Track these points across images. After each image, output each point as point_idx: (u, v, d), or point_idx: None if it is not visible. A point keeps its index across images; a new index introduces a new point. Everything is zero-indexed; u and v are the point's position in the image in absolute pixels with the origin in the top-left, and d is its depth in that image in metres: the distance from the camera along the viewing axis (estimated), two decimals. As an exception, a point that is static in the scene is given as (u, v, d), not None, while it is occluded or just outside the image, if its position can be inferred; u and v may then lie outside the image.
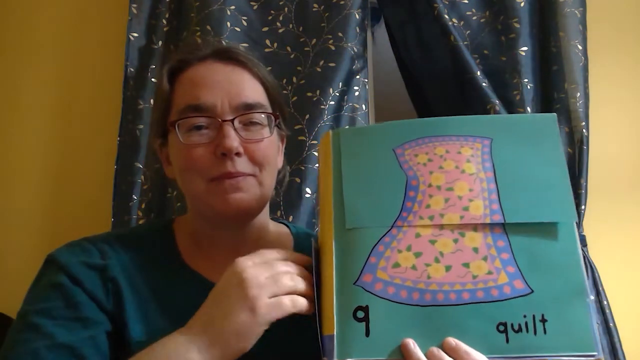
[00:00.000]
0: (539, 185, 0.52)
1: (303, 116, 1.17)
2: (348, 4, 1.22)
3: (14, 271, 1.29)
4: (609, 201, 1.23)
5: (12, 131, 1.38)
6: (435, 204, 0.52)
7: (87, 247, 0.62)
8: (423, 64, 1.30)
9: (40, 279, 0.60)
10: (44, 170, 1.35)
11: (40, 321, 0.55)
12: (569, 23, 1.20)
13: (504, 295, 0.48)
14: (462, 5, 1.26)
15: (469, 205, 0.51)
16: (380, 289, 0.49)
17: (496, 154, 0.54)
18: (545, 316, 0.47)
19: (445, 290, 0.48)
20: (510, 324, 0.47)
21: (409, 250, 0.50)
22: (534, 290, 0.48)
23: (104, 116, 1.33)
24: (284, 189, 1.14)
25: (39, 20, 1.43)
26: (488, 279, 0.48)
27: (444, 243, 0.50)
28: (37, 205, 1.33)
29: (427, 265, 0.49)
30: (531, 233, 0.50)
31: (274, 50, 1.24)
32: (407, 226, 0.51)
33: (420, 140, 0.55)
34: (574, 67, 1.18)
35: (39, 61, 1.41)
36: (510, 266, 0.49)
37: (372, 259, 0.50)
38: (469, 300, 0.48)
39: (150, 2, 1.28)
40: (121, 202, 1.17)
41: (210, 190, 0.62)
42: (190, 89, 0.64)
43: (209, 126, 0.63)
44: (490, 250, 0.49)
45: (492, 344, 0.46)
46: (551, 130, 0.54)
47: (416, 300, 0.48)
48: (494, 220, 0.50)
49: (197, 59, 0.66)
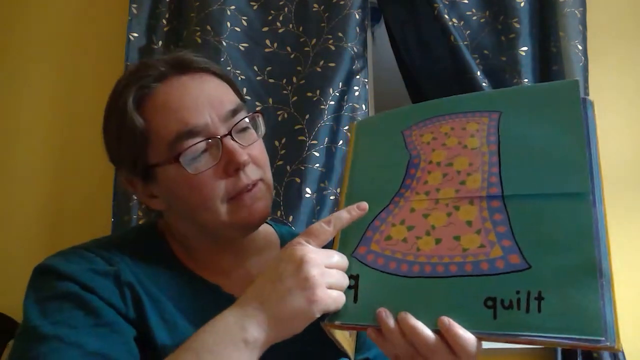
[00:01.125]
0: (548, 156, 0.48)
1: (303, 116, 1.17)
2: (348, 4, 1.22)
3: (14, 271, 1.28)
4: (609, 200, 1.23)
5: (12, 131, 1.38)
6: (433, 180, 0.52)
7: (86, 254, 0.59)
8: (423, 64, 1.30)
9: (41, 292, 0.55)
10: (44, 171, 1.35)
11: (61, 332, 0.50)
12: (569, 23, 1.21)
13: (496, 270, 0.45)
14: (462, 5, 1.26)
15: (466, 179, 0.50)
16: (371, 259, 0.50)
17: (504, 127, 0.52)
18: (542, 294, 0.42)
19: (433, 262, 0.48)
20: (500, 299, 0.43)
21: (402, 224, 0.51)
22: (532, 266, 0.44)
23: (104, 116, 1.33)
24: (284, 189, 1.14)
25: (39, 21, 1.43)
26: (479, 252, 0.46)
27: (436, 217, 0.50)
28: (37, 206, 1.32)
29: (418, 238, 0.49)
30: (535, 206, 0.46)
31: (274, 50, 1.24)
32: (403, 201, 0.52)
33: (427, 120, 0.56)
34: (574, 67, 1.18)
35: (39, 61, 1.41)
36: (506, 240, 0.46)
37: (369, 232, 0.52)
38: (456, 273, 0.46)
39: (150, 2, 1.28)
40: (121, 202, 1.17)
41: (232, 210, 0.60)
42: (171, 115, 0.58)
43: (209, 146, 0.59)
44: (485, 224, 0.47)
45: (477, 319, 0.43)
46: (571, 97, 0.50)
47: (404, 272, 0.48)
48: (491, 193, 0.48)
49: (157, 80, 0.60)
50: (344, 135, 1.17)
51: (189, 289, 0.62)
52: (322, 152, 1.15)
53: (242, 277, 0.66)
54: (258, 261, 0.68)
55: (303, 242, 0.50)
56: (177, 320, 0.57)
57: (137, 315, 0.56)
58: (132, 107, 0.59)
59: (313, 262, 0.48)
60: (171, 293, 0.60)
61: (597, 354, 1.12)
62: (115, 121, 0.61)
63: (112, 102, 0.63)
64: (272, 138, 1.17)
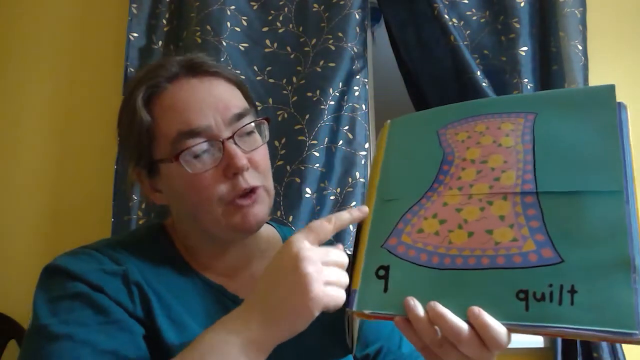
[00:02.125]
0: (583, 155, 0.49)
1: (303, 116, 1.17)
2: (348, 4, 1.22)
3: (14, 272, 1.29)
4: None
5: (12, 131, 1.38)
6: (467, 176, 0.53)
7: (94, 254, 0.59)
8: (423, 64, 1.30)
9: (51, 292, 0.55)
10: (44, 171, 1.35)
11: (71, 330, 0.51)
12: (569, 23, 1.21)
13: (528, 263, 0.46)
14: (462, 5, 1.26)
15: (500, 175, 0.51)
16: (402, 251, 0.51)
17: (539, 128, 0.53)
18: (575, 287, 0.43)
19: (465, 255, 0.48)
20: (532, 292, 0.44)
21: (434, 218, 0.52)
22: (565, 260, 0.44)
23: (104, 116, 1.33)
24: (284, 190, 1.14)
25: (39, 21, 1.43)
26: (511, 245, 0.47)
27: (469, 211, 0.51)
28: (37, 206, 1.33)
29: (450, 232, 0.50)
30: (569, 203, 0.47)
31: (274, 50, 1.24)
32: (436, 196, 0.53)
33: (463, 120, 0.57)
34: (574, 67, 1.18)
35: (39, 61, 1.41)
36: (539, 234, 0.47)
37: (400, 224, 0.53)
38: (487, 266, 0.47)
39: (150, 2, 1.28)
40: (121, 202, 1.17)
41: (228, 212, 0.60)
42: (176, 115, 0.60)
43: (209, 149, 0.60)
44: (518, 219, 0.48)
45: (509, 311, 0.44)
46: (607, 99, 0.51)
47: (435, 264, 0.49)
48: (525, 190, 0.49)
49: (167, 80, 0.62)
50: (344, 135, 1.18)
51: (194, 289, 0.62)
52: (322, 152, 1.15)
53: (246, 278, 0.66)
54: (261, 262, 0.68)
55: (301, 239, 0.50)
56: (184, 320, 0.58)
57: (145, 314, 0.56)
58: (140, 104, 0.61)
59: (309, 260, 0.48)
60: (177, 293, 0.60)
61: (597, 353, 1.12)
62: (126, 116, 0.64)
63: (125, 97, 0.65)
64: (272, 138, 1.17)
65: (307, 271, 0.47)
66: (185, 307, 0.59)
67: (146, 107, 0.62)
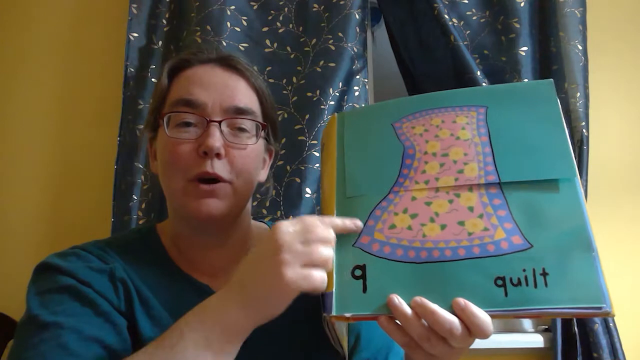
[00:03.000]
0: (535, 145, 0.52)
1: (303, 116, 1.17)
2: (348, 4, 1.22)
3: (14, 271, 1.29)
4: (609, 201, 1.24)
5: (12, 131, 1.38)
6: (431, 169, 0.54)
7: (83, 254, 0.62)
8: (423, 64, 1.30)
9: (42, 286, 0.58)
10: (44, 171, 1.35)
11: (60, 319, 0.54)
12: (569, 23, 1.21)
13: (501, 251, 0.48)
14: (462, 5, 1.26)
15: (463, 168, 0.53)
16: (377, 249, 0.51)
17: (491, 120, 0.55)
18: (546, 269, 0.46)
19: (440, 247, 0.49)
20: (508, 278, 0.46)
21: (405, 213, 0.52)
22: (533, 245, 0.47)
23: (104, 116, 1.33)
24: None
25: (39, 21, 1.43)
26: (484, 235, 0.49)
27: (439, 204, 0.52)
28: (37, 206, 1.33)
29: (423, 225, 0.51)
30: (529, 191, 0.50)
31: (274, 50, 1.24)
32: (403, 191, 0.53)
33: (417, 113, 0.58)
34: (574, 67, 1.18)
35: (39, 61, 1.41)
36: (507, 222, 0.49)
37: (370, 222, 0.53)
38: (464, 256, 0.48)
39: (150, 2, 1.28)
40: (121, 202, 1.17)
41: (187, 192, 0.62)
42: (185, 85, 0.66)
43: (197, 124, 0.63)
44: (486, 209, 0.50)
45: (490, 298, 0.46)
46: (548, 93, 0.55)
47: (412, 258, 0.49)
48: (489, 181, 0.51)
49: (199, 61, 0.68)
50: (344, 135, 1.17)
51: (177, 288, 0.64)
52: (322, 152, 1.15)
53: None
54: None
55: (285, 225, 0.50)
56: (162, 317, 0.60)
57: (127, 309, 0.59)
58: (166, 71, 0.68)
59: (286, 245, 0.48)
60: (159, 292, 0.62)
61: (597, 353, 1.12)
62: (158, 79, 0.71)
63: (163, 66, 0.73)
64: (272, 138, 1.17)
65: (282, 256, 0.47)
66: (165, 305, 0.61)
67: (169, 76, 0.68)
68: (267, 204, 1.11)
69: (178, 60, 0.69)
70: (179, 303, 0.60)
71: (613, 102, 1.29)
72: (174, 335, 0.49)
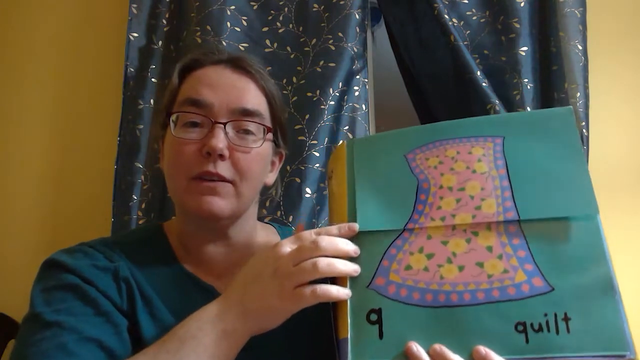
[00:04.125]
0: (555, 180, 0.50)
1: (303, 116, 1.17)
2: (348, 4, 1.22)
3: (14, 271, 1.29)
4: (609, 201, 1.23)
5: (12, 131, 1.38)
6: (447, 205, 0.52)
7: (89, 251, 0.63)
8: (423, 64, 1.30)
9: (47, 282, 0.59)
10: (44, 170, 1.35)
11: (61, 318, 0.55)
12: (569, 23, 1.20)
13: (522, 294, 0.46)
14: (462, 5, 1.26)
15: (481, 204, 0.51)
16: (393, 292, 0.49)
17: (509, 151, 0.53)
18: (568, 314, 0.44)
19: (459, 290, 0.47)
20: (529, 323, 0.45)
21: (420, 252, 0.50)
22: (555, 288, 0.45)
23: (104, 116, 1.33)
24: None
25: (39, 21, 1.43)
26: (504, 277, 0.47)
27: (456, 243, 0.50)
28: (37, 205, 1.33)
29: (440, 266, 0.49)
30: (549, 229, 0.48)
31: (274, 50, 1.24)
32: (418, 228, 0.51)
33: (430, 144, 0.56)
34: (574, 67, 1.18)
35: (39, 61, 1.41)
36: (527, 264, 0.47)
37: (385, 262, 0.50)
38: (484, 300, 0.46)
39: (150, 2, 1.28)
40: (121, 202, 1.17)
41: (189, 189, 0.63)
42: (194, 85, 0.66)
43: (203, 125, 0.64)
44: (505, 249, 0.48)
45: (510, 345, 0.44)
46: (567, 123, 0.53)
47: (429, 302, 0.48)
48: (508, 218, 0.49)
49: (210, 62, 0.69)
50: (344, 135, 1.17)
51: (182, 288, 0.64)
52: (322, 152, 1.15)
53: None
54: None
55: (283, 244, 0.52)
56: (164, 317, 0.61)
57: (129, 309, 0.60)
58: (177, 71, 0.69)
59: (284, 264, 0.49)
60: (163, 292, 0.63)
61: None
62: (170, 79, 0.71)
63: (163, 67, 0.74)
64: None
65: (279, 281, 0.49)
66: (168, 306, 0.62)
67: (180, 75, 0.69)
68: (267, 204, 1.11)
69: (189, 60, 0.70)
70: (183, 303, 0.60)
71: (613, 102, 1.29)
72: (174, 340, 0.50)
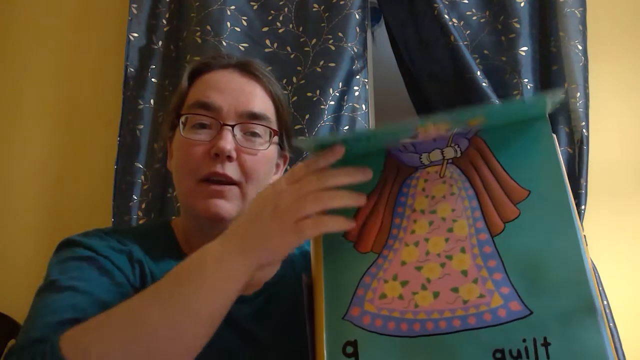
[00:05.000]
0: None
1: (303, 116, 1.17)
2: (348, 4, 1.22)
3: (14, 271, 1.29)
4: (609, 201, 1.23)
5: (12, 131, 1.38)
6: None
7: (104, 236, 0.65)
8: (423, 63, 1.30)
9: (63, 256, 0.61)
10: (44, 170, 1.35)
11: (76, 283, 0.55)
12: (569, 23, 1.20)
13: (499, 320, 0.44)
14: (462, 5, 1.26)
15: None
16: (368, 322, 0.47)
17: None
18: (548, 339, 0.42)
19: (434, 318, 0.46)
20: (508, 350, 0.43)
21: (395, 280, 0.49)
22: (533, 311, 0.44)
23: (104, 116, 1.33)
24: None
25: (39, 21, 1.43)
26: (480, 302, 0.45)
27: (430, 268, 0.48)
28: (37, 206, 1.32)
29: (414, 294, 0.47)
30: (527, 248, 0.46)
31: (274, 50, 1.24)
32: (392, 254, 0.50)
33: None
34: (574, 67, 1.18)
35: (39, 61, 1.41)
36: (504, 287, 0.45)
37: (360, 291, 0.49)
38: (460, 328, 0.45)
39: (150, 2, 1.28)
40: (121, 202, 1.17)
41: (196, 192, 0.64)
42: (203, 88, 0.68)
43: (212, 127, 0.66)
44: (481, 272, 0.46)
45: None
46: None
47: (405, 332, 0.46)
48: (481, 240, 0.47)
49: (219, 66, 0.70)
50: (344, 135, 1.17)
51: None
52: (322, 152, 1.15)
53: None
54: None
55: (279, 180, 0.51)
56: None
57: (141, 288, 0.60)
58: (186, 75, 0.71)
59: (283, 200, 0.48)
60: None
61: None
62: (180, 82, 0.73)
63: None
64: (272, 138, 1.17)
65: (280, 216, 0.48)
66: None
67: (190, 79, 0.71)
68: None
69: (199, 64, 0.72)
70: None
71: (613, 102, 1.29)
72: (171, 279, 0.49)
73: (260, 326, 0.64)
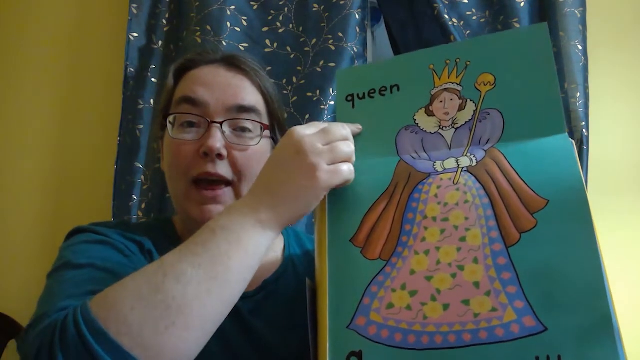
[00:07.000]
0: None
1: (303, 116, 1.17)
2: (348, 4, 1.22)
3: (14, 272, 1.29)
4: (610, 201, 1.23)
5: (12, 131, 1.38)
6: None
7: (114, 227, 0.64)
8: (423, 64, 1.30)
9: (75, 240, 0.59)
10: (44, 170, 1.35)
11: (95, 261, 0.53)
12: (569, 23, 1.20)
13: (511, 335, 0.42)
14: (462, 5, 1.26)
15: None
16: (374, 333, 0.46)
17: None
18: (562, 357, 0.40)
19: (443, 332, 0.44)
20: None
21: (403, 289, 0.47)
22: (548, 328, 0.41)
23: (104, 116, 1.33)
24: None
25: (39, 21, 1.43)
26: (492, 317, 0.43)
27: (440, 279, 0.46)
28: (37, 205, 1.32)
29: (423, 305, 0.45)
30: (544, 261, 0.44)
31: (274, 50, 1.24)
32: (401, 262, 0.48)
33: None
34: (574, 67, 1.18)
35: (39, 61, 1.41)
36: (518, 301, 0.43)
37: (366, 299, 0.47)
38: (470, 342, 0.42)
39: (150, 2, 1.28)
40: (121, 202, 1.17)
41: (189, 196, 0.63)
42: (189, 84, 0.67)
43: (200, 125, 0.64)
44: (494, 284, 0.44)
45: None
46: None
47: (412, 344, 0.44)
48: (495, 250, 0.45)
49: (204, 62, 0.69)
50: (344, 135, 1.17)
51: None
52: (322, 152, 1.15)
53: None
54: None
55: (300, 129, 0.51)
56: None
57: None
58: (172, 72, 0.70)
59: (310, 143, 0.48)
60: None
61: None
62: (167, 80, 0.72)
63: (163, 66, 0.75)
64: (272, 138, 1.17)
65: (308, 158, 0.48)
66: None
67: (176, 76, 0.70)
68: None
69: (184, 61, 0.70)
70: None
71: (613, 102, 1.29)
72: (205, 232, 0.48)
73: (259, 323, 0.64)
